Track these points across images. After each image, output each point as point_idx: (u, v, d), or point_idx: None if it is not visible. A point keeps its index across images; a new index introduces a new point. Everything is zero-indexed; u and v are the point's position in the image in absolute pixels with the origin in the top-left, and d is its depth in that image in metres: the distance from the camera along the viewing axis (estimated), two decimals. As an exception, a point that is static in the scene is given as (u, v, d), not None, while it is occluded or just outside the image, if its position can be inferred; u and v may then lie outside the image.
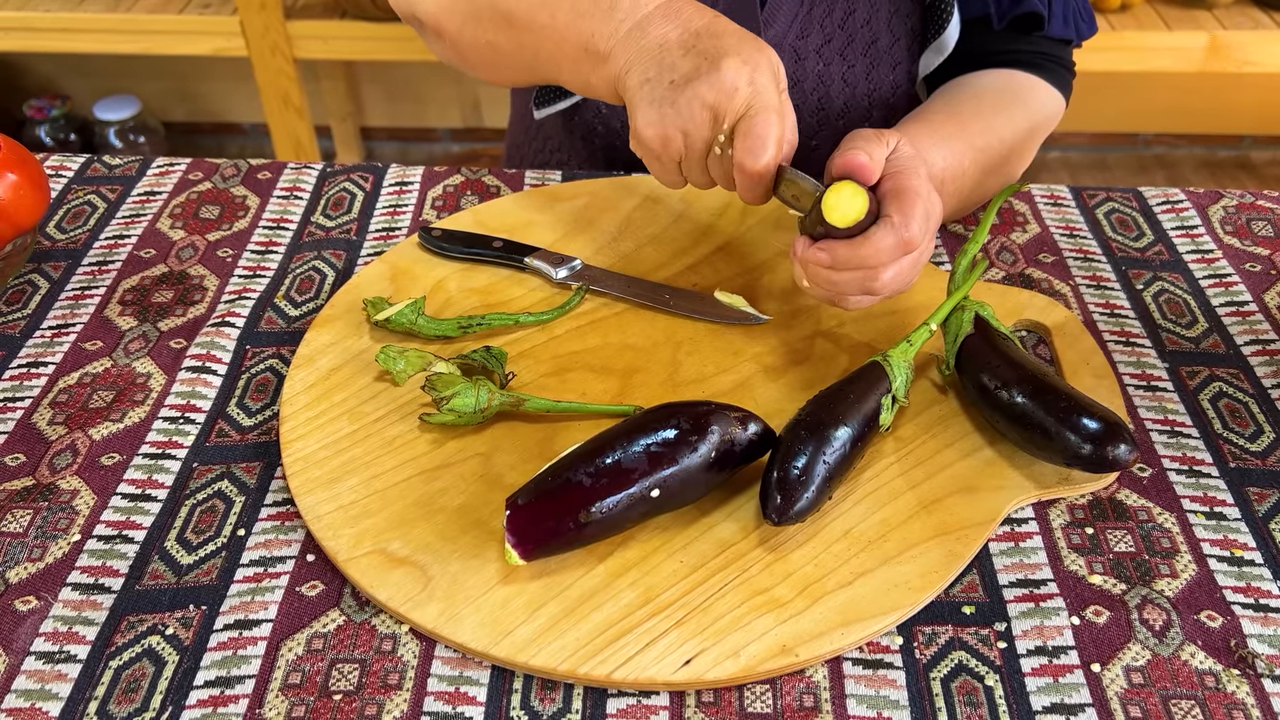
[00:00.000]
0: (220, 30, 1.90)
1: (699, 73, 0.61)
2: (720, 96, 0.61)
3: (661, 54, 0.63)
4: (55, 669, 0.52)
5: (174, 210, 0.84)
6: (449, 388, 0.61)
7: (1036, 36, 0.81)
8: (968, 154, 0.72)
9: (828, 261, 0.60)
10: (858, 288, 0.61)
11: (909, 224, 0.58)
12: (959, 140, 0.72)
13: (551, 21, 0.68)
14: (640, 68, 0.63)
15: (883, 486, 0.60)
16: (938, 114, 0.75)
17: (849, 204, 0.58)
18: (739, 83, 0.61)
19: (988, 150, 0.74)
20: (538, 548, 0.53)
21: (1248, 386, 0.68)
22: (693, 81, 0.61)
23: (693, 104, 0.61)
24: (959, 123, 0.74)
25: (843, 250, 0.59)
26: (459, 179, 0.87)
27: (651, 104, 0.62)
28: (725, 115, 0.61)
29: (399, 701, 0.51)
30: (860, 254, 0.59)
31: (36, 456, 0.63)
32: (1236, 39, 1.85)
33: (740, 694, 0.51)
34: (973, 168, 0.73)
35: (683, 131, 0.62)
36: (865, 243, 0.59)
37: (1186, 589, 0.56)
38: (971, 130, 0.74)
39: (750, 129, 0.61)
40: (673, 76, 0.62)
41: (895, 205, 0.59)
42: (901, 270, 0.60)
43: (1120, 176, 2.36)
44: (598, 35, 0.66)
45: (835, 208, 0.58)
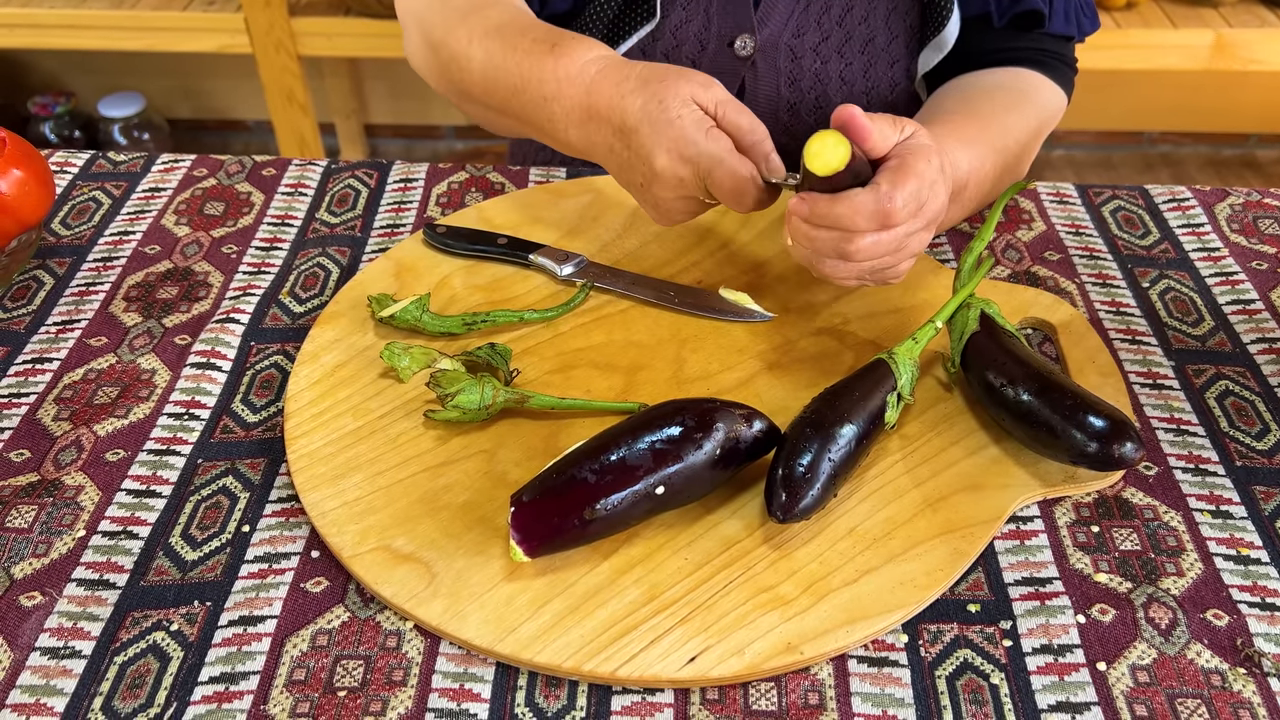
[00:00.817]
0: (225, 27, 1.90)
1: (649, 180, 0.66)
2: (679, 186, 0.65)
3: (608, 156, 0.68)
4: (60, 665, 0.52)
5: (179, 206, 0.84)
6: (453, 384, 0.61)
7: (1037, 33, 0.81)
8: (990, 156, 0.72)
9: (805, 213, 0.59)
10: (832, 249, 0.60)
11: (893, 194, 0.57)
12: (982, 143, 0.72)
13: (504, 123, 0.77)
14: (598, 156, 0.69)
15: (888, 484, 0.59)
16: (958, 114, 0.74)
17: (831, 152, 0.57)
18: (679, 172, 0.64)
19: (1005, 151, 0.74)
20: (542, 545, 0.53)
21: (1254, 385, 0.68)
22: (649, 188, 0.66)
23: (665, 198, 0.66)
24: (981, 124, 0.73)
25: (821, 204, 0.58)
26: (463, 176, 0.87)
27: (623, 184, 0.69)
28: (695, 184, 0.64)
29: (403, 698, 0.51)
30: (835, 210, 0.58)
31: (41, 452, 0.63)
32: (1242, 37, 1.85)
33: (745, 691, 0.51)
34: (993, 170, 0.73)
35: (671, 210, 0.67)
36: (843, 199, 0.58)
37: (1193, 588, 0.56)
38: (992, 132, 0.73)
39: (721, 185, 0.63)
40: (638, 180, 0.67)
41: (887, 176, 0.58)
42: (881, 244, 0.59)
43: (1125, 175, 2.36)
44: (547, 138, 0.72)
45: (816, 155, 0.57)
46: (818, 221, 0.59)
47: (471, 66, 0.73)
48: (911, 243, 0.60)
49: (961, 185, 0.69)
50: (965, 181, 0.70)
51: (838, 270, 0.61)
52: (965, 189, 0.70)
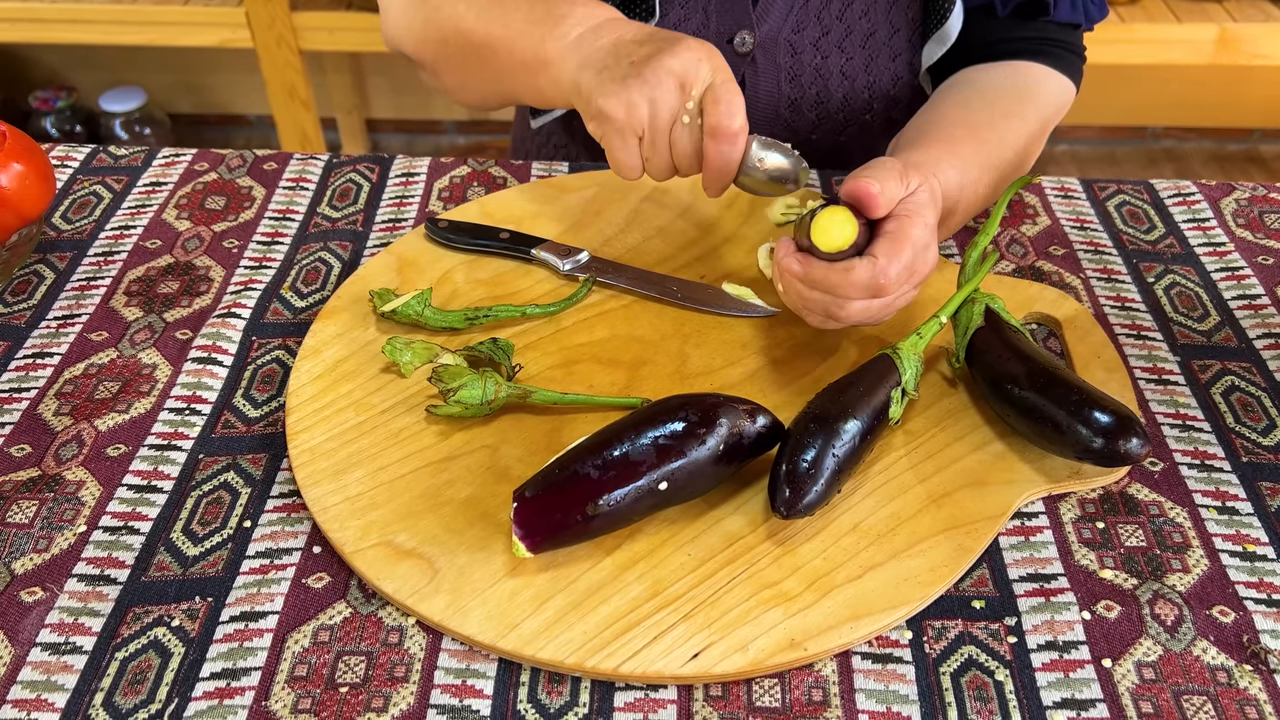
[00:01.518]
0: (226, 21, 1.89)
1: (660, 51, 0.62)
2: (686, 66, 0.62)
3: (616, 48, 0.65)
4: (61, 660, 0.52)
5: (180, 201, 0.83)
6: (456, 379, 0.61)
7: (1042, 22, 0.80)
8: (985, 175, 0.72)
9: (800, 275, 0.60)
10: (822, 310, 0.61)
11: (888, 269, 0.58)
12: (975, 159, 0.71)
13: (505, 32, 0.70)
14: (596, 63, 0.65)
15: (892, 480, 0.59)
16: (954, 127, 0.73)
17: (838, 231, 0.58)
18: (700, 55, 0.62)
19: (1003, 163, 0.74)
20: (545, 540, 0.53)
21: (1260, 380, 0.67)
22: (655, 56, 0.62)
23: (659, 72, 0.62)
24: (976, 138, 0.72)
25: (818, 271, 0.60)
26: (465, 170, 0.87)
27: (614, 80, 0.63)
28: (692, 84, 0.62)
29: (405, 694, 0.50)
30: (831, 280, 0.59)
31: (42, 447, 0.63)
32: (1246, 31, 1.84)
33: (748, 688, 0.51)
34: (985, 187, 0.72)
35: (649, 100, 0.62)
36: (840, 271, 0.59)
37: (1198, 584, 0.55)
38: (988, 145, 0.73)
39: (720, 94, 0.62)
40: (633, 58, 0.63)
41: (884, 246, 0.59)
42: (870, 309, 0.60)
43: (1129, 170, 2.35)
44: (548, 40, 0.68)
45: (824, 231, 0.58)
46: (812, 285, 0.60)
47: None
48: (899, 302, 0.62)
49: (951, 207, 0.69)
50: (956, 200, 0.69)
51: (825, 325, 0.63)
52: (955, 212, 0.70)
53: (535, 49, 0.68)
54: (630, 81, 0.62)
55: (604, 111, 0.63)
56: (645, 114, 0.62)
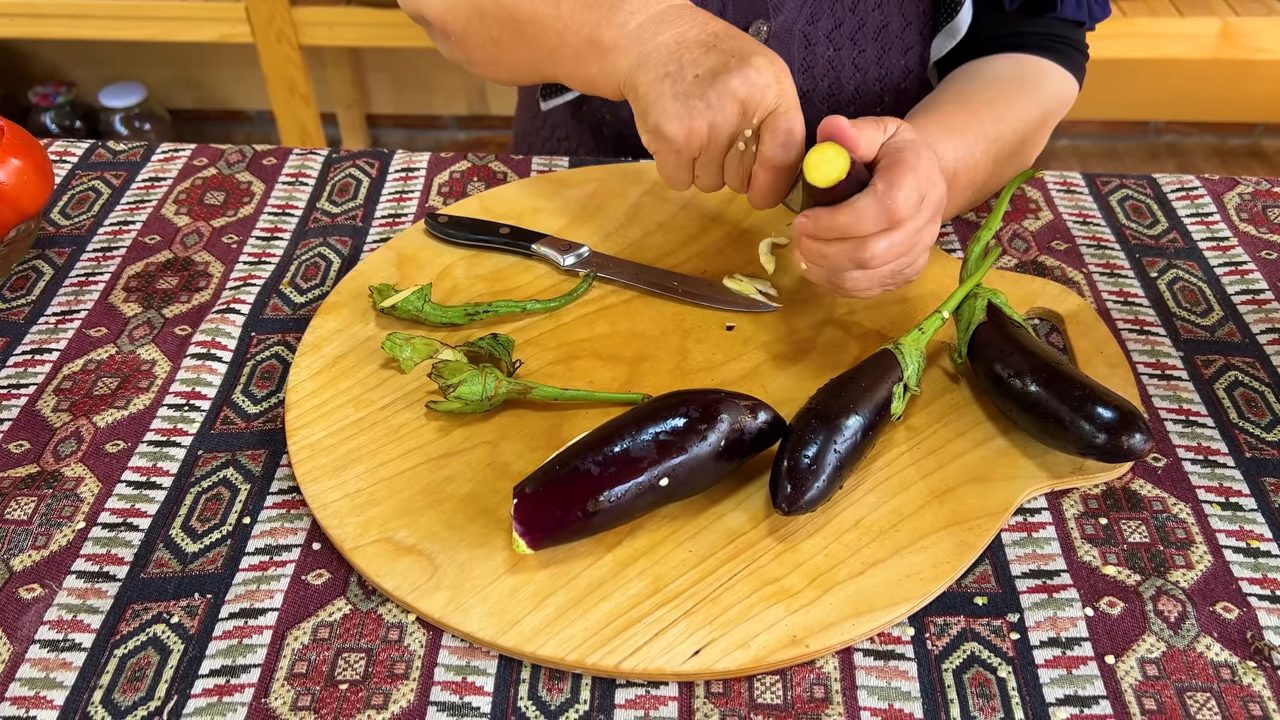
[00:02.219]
0: (226, 16, 1.89)
1: (728, 68, 0.61)
2: (752, 91, 0.60)
3: (680, 51, 0.62)
4: (60, 657, 0.52)
5: (179, 196, 0.83)
6: (455, 375, 0.61)
7: (1048, 18, 0.80)
8: (979, 144, 0.71)
9: (811, 229, 0.59)
10: (848, 260, 0.59)
11: (892, 191, 0.57)
12: (970, 131, 0.71)
13: (556, 12, 0.67)
14: (657, 63, 0.62)
15: (894, 476, 0.59)
16: (947, 105, 0.74)
17: (830, 164, 0.57)
18: (769, 79, 0.61)
19: (1000, 140, 0.73)
20: (545, 537, 0.53)
21: (1264, 375, 0.67)
22: (722, 75, 0.60)
23: (724, 97, 0.60)
24: (969, 113, 0.73)
25: (825, 216, 0.58)
26: (465, 165, 0.86)
27: (676, 98, 0.61)
28: (755, 111, 0.61)
29: (405, 691, 0.50)
30: (841, 220, 0.58)
31: (41, 444, 0.62)
32: (1249, 26, 1.83)
33: (750, 685, 0.51)
34: (985, 158, 0.72)
35: (710, 124, 0.61)
36: (845, 208, 0.57)
37: (1202, 580, 0.55)
38: (983, 120, 0.73)
39: (780, 125, 0.60)
40: (697, 71, 0.61)
41: (882, 176, 0.58)
42: (894, 244, 0.58)
43: (1131, 165, 2.34)
44: (604, 26, 0.65)
45: (815, 167, 0.57)
46: (826, 235, 0.59)
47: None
48: (923, 236, 0.60)
49: (950, 175, 0.68)
50: (954, 171, 0.69)
51: (858, 283, 0.61)
52: (955, 179, 0.70)
53: (590, 34, 0.66)
54: (693, 103, 0.61)
55: (661, 130, 0.62)
56: (704, 138, 0.62)
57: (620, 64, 0.64)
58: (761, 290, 0.71)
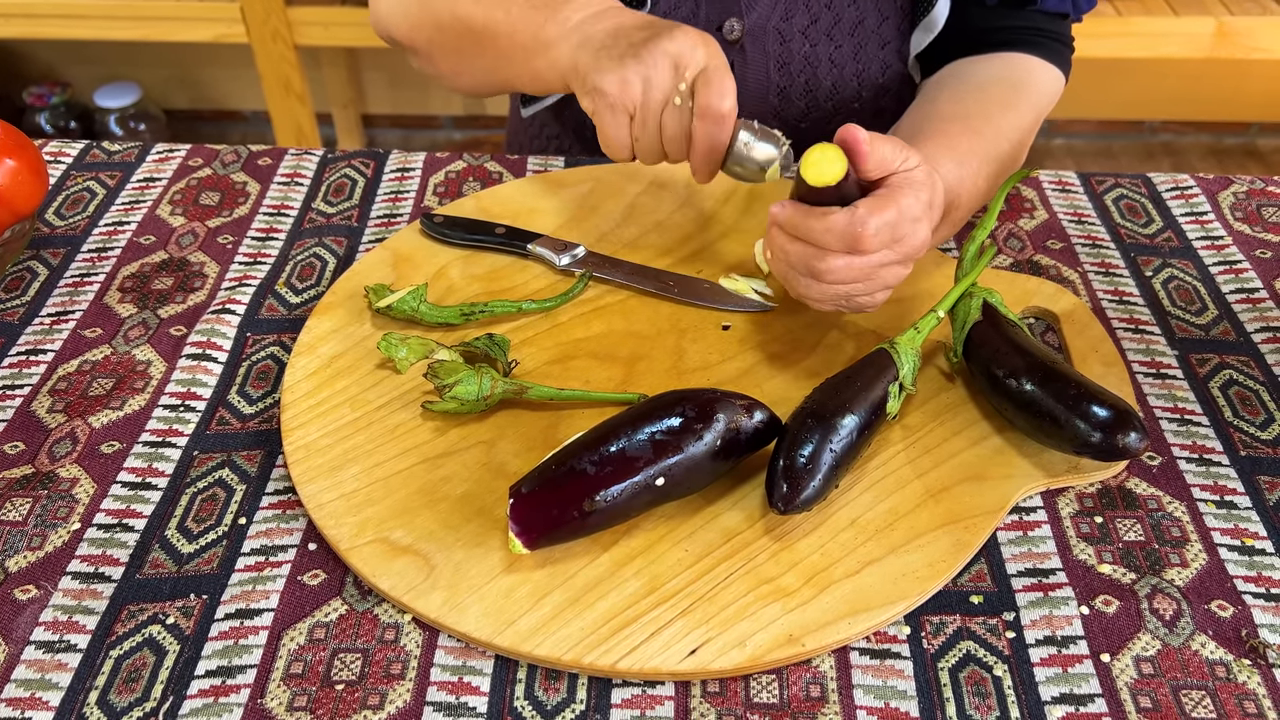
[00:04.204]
0: (221, 16, 1.89)
1: (658, 34, 0.63)
2: (681, 49, 0.63)
3: (617, 31, 0.65)
4: (55, 658, 0.52)
5: (174, 196, 0.83)
6: (451, 375, 0.61)
7: (1030, 11, 0.80)
8: (982, 166, 0.71)
9: (781, 218, 0.60)
10: (803, 265, 0.60)
11: (867, 219, 0.57)
12: (972, 153, 0.71)
13: (505, 16, 0.71)
14: (595, 44, 0.65)
15: (890, 475, 0.59)
16: (948, 121, 0.73)
17: (828, 166, 0.57)
18: (696, 41, 0.63)
19: (1000, 156, 0.73)
20: (541, 536, 0.53)
21: (1258, 374, 0.67)
22: (653, 39, 0.63)
23: (654, 53, 0.63)
24: (970, 131, 0.72)
25: (799, 213, 0.59)
26: (461, 165, 0.86)
27: (610, 58, 0.64)
28: (686, 66, 0.63)
29: (402, 691, 0.50)
30: (809, 223, 0.58)
31: (36, 444, 0.62)
32: (1244, 25, 1.84)
33: (746, 684, 0.51)
34: (985, 180, 0.72)
35: (643, 78, 0.63)
36: (818, 214, 0.58)
37: (1197, 578, 0.55)
38: (984, 136, 0.72)
39: (712, 77, 0.62)
40: (631, 40, 0.64)
41: (868, 201, 0.58)
42: (851, 268, 0.59)
43: (1126, 164, 2.35)
44: (549, 24, 0.68)
45: (813, 165, 0.57)
46: (792, 231, 0.60)
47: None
48: (884, 274, 0.60)
49: (952, 201, 0.68)
50: (957, 196, 0.69)
51: (810, 290, 0.62)
52: (957, 206, 0.69)
53: (535, 33, 0.69)
54: (627, 60, 0.63)
55: (599, 87, 0.63)
56: (638, 91, 0.63)
57: (563, 54, 0.67)
58: (757, 290, 0.71)
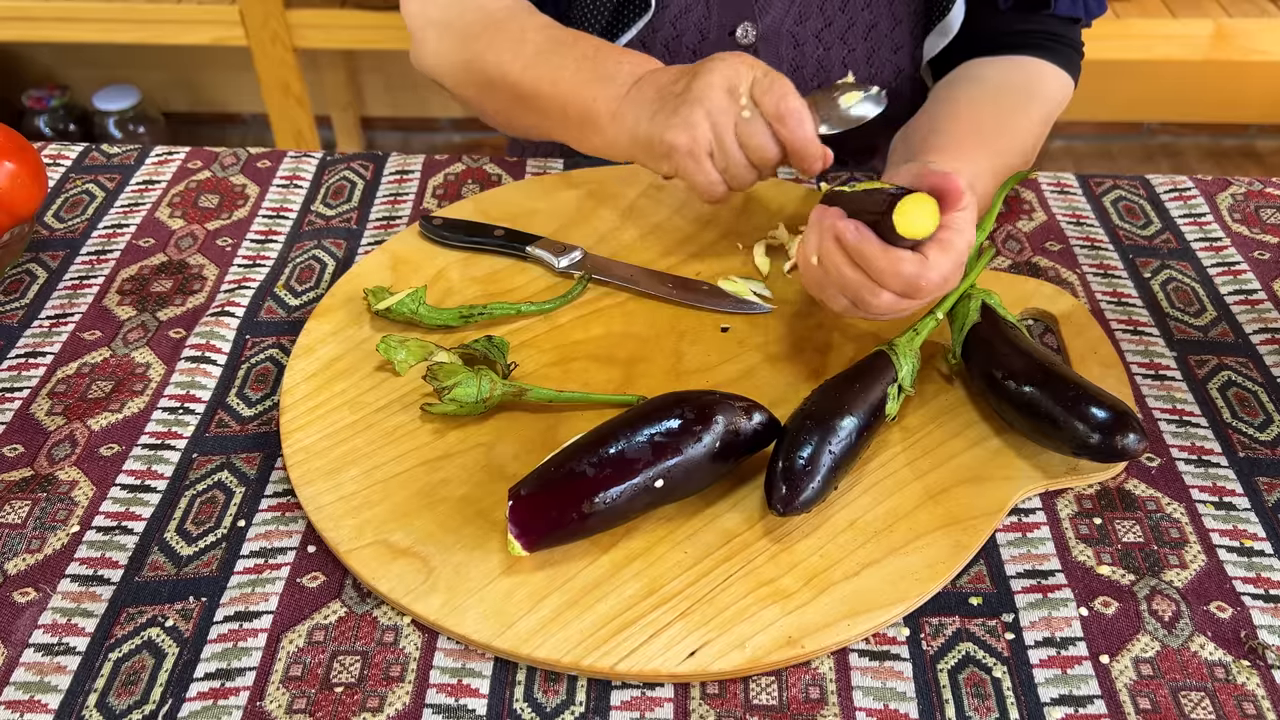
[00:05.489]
0: (220, 19, 1.89)
1: (697, 74, 0.65)
2: (727, 71, 0.65)
3: (660, 92, 0.67)
4: (54, 661, 0.52)
5: (173, 199, 0.83)
6: (450, 377, 0.61)
7: (1043, 16, 0.80)
8: (991, 175, 0.72)
9: (850, 242, 0.57)
10: (853, 293, 0.59)
11: (931, 273, 0.57)
12: (989, 171, 0.71)
13: (554, 90, 0.73)
14: (646, 109, 0.67)
15: (889, 476, 0.59)
16: (965, 132, 0.73)
17: (923, 220, 0.55)
18: (734, 61, 0.65)
19: (1010, 167, 0.74)
20: (541, 539, 0.53)
21: (1257, 375, 0.67)
22: (695, 79, 0.65)
23: (704, 89, 0.65)
24: (981, 139, 0.73)
25: (868, 245, 0.57)
26: (460, 167, 0.86)
27: (668, 113, 0.66)
28: (738, 85, 0.65)
29: (401, 694, 0.50)
30: (880, 264, 0.57)
31: (35, 447, 0.62)
32: (1242, 27, 1.84)
33: (745, 686, 0.51)
34: (993, 184, 0.72)
35: (705, 113, 0.65)
36: (891, 257, 0.56)
37: (1196, 580, 0.55)
38: (996, 146, 0.73)
39: (769, 85, 0.64)
40: (675, 91, 0.66)
41: (936, 250, 0.57)
42: (897, 305, 0.59)
43: (1125, 165, 2.35)
44: (600, 100, 0.70)
45: (906, 215, 0.55)
46: (854, 258, 0.58)
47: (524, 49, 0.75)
48: (915, 306, 0.60)
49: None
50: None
51: (846, 311, 0.62)
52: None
53: (587, 108, 0.71)
54: (681, 109, 0.65)
55: (671, 143, 0.66)
56: (706, 128, 0.65)
57: (622, 131, 0.69)
58: (756, 292, 0.71)
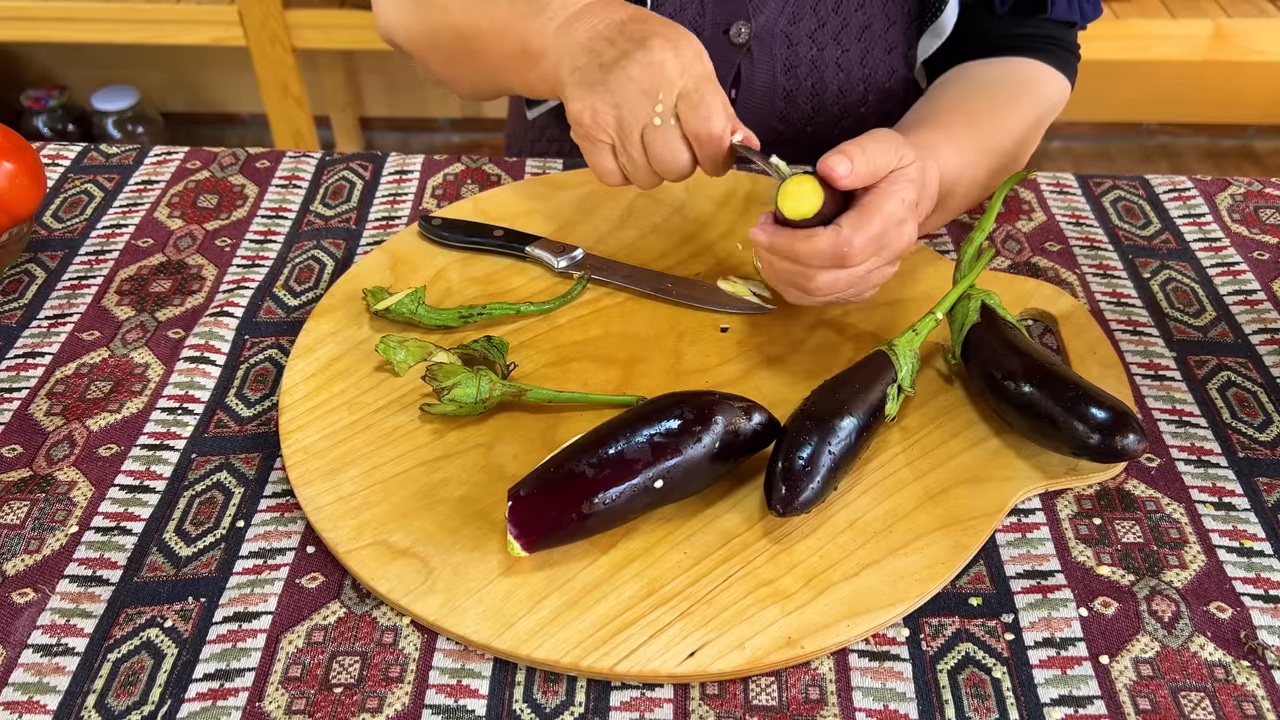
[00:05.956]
0: (219, 19, 1.88)
1: (626, 54, 0.62)
2: (648, 72, 0.62)
3: (590, 44, 0.64)
4: (53, 662, 0.52)
5: (172, 199, 0.83)
6: (450, 378, 0.61)
7: (1039, 19, 0.80)
8: (982, 158, 0.72)
9: (765, 243, 0.60)
10: (790, 281, 0.61)
11: (851, 238, 0.57)
12: (972, 144, 0.71)
13: (491, 27, 0.71)
14: (570, 59, 0.64)
15: (889, 477, 0.59)
16: (951, 113, 0.74)
17: (805, 199, 0.58)
18: (665, 58, 0.62)
19: (1000, 151, 0.74)
20: (540, 539, 0.53)
21: (1256, 376, 0.67)
22: (620, 61, 0.62)
23: (622, 80, 0.62)
24: (971, 123, 0.73)
25: (781, 238, 0.59)
26: (459, 167, 0.86)
27: (582, 85, 0.63)
28: (658, 89, 0.62)
29: (400, 694, 0.50)
30: (794, 247, 0.59)
31: (33, 448, 0.62)
32: (1241, 27, 1.84)
33: (745, 686, 0.51)
34: (985, 171, 0.72)
35: (614, 106, 0.62)
36: (801, 237, 0.58)
37: (1195, 580, 0.55)
38: (984, 131, 0.73)
39: (697, 100, 0.62)
40: (601, 61, 0.63)
41: (851, 217, 0.58)
42: (838, 280, 0.59)
43: (1123, 166, 2.35)
44: (530, 34, 0.68)
45: (790, 196, 0.58)
46: (778, 254, 0.60)
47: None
48: (873, 276, 0.61)
49: (949, 190, 0.68)
50: (954, 185, 0.69)
51: (801, 300, 0.62)
52: (953, 195, 0.70)
53: (521, 42, 0.68)
54: (597, 87, 0.63)
55: (572, 117, 0.64)
56: (611, 120, 0.63)
57: (548, 66, 0.67)
58: (755, 292, 0.71)
